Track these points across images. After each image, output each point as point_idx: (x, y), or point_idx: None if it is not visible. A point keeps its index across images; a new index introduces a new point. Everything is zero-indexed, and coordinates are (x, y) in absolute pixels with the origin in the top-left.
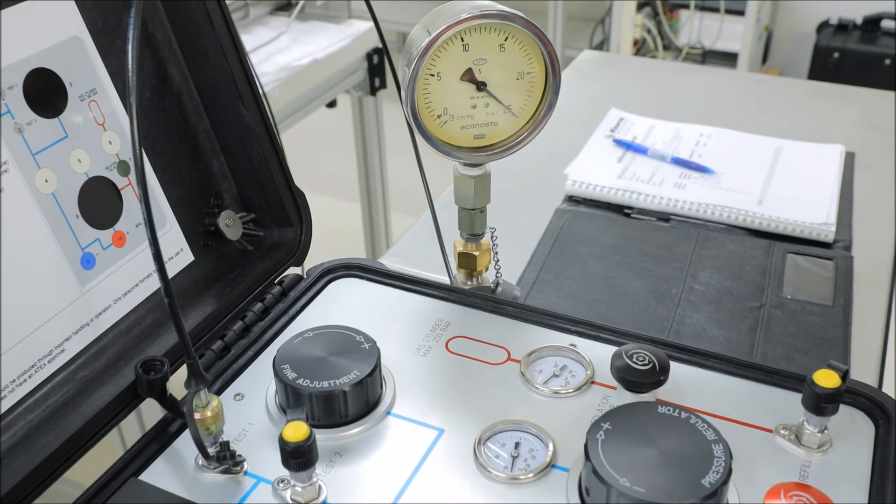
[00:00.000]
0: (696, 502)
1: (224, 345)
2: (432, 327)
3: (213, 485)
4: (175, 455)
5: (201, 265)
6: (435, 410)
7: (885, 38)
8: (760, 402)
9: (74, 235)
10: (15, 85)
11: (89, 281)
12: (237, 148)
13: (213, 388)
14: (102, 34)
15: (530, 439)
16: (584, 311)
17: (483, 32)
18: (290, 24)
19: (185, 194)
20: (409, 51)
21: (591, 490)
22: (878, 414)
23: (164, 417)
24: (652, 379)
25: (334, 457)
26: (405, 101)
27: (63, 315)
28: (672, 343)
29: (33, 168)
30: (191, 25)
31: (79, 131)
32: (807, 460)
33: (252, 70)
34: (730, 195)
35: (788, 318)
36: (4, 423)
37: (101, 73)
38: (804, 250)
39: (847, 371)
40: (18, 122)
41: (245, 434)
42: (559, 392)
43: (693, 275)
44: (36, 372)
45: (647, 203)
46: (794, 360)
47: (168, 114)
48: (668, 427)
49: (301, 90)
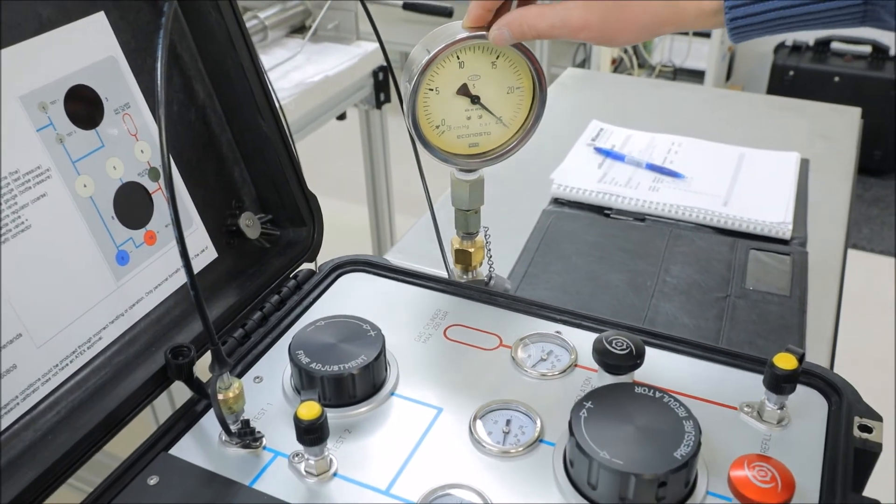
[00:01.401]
0: (669, 472)
1: (244, 333)
2: (432, 316)
3: (235, 458)
4: (201, 432)
5: (224, 261)
6: (434, 391)
7: (834, 58)
8: (726, 382)
9: (110, 235)
10: (57, 100)
11: (124, 276)
12: (256, 156)
13: (234, 371)
14: (135, 54)
15: (520, 417)
16: (568, 301)
17: (477, 51)
18: (304, 45)
19: (210, 197)
20: (411, 68)
21: (575, 462)
22: (830, 392)
23: (191, 398)
24: (629, 362)
25: (344, 433)
26: (407, 113)
27: (100, 306)
28: (647, 330)
29: (73, 174)
30: (214, 46)
31: (114, 141)
32: (767, 434)
33: (269, 86)
34: (698, 197)
35: (751, 307)
36: (49, 402)
37: (133, 90)
38: (764, 246)
39: (803, 354)
40: (60, 133)
41: (264, 413)
42: (546, 374)
43: (666, 269)
44: (77, 357)
45: (624, 204)
46: (756, 344)
47: (194, 125)
48: (643, 405)
49: (314, 104)
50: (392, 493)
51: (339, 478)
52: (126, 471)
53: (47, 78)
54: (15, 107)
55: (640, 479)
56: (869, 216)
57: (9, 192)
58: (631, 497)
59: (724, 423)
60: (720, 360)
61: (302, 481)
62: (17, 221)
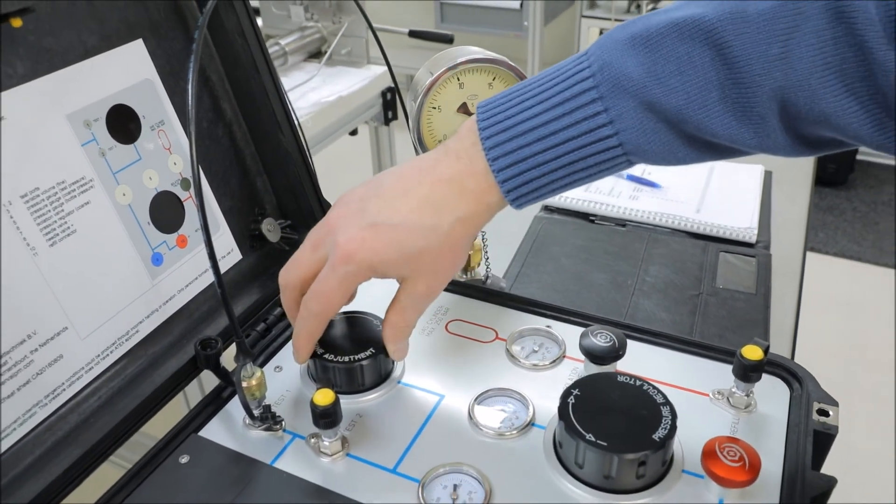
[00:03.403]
0: (648, 453)
1: (266, 326)
2: (434, 312)
3: (257, 440)
4: (227, 416)
5: (247, 262)
6: (437, 379)
7: None
8: (699, 371)
9: (146, 238)
10: (100, 117)
11: (158, 275)
12: (277, 167)
13: (257, 361)
14: (169, 77)
15: (514, 403)
16: (557, 299)
17: (475, 73)
18: (320, 68)
19: (235, 205)
20: (416, 88)
21: (563, 444)
22: (791, 380)
23: (218, 385)
24: (612, 354)
25: (356, 417)
26: (412, 129)
27: (137, 303)
28: (628, 325)
29: (113, 184)
30: (240, 70)
31: (150, 155)
32: (736, 418)
33: (289, 105)
34: (673, 205)
35: (721, 304)
36: (92, 388)
37: (167, 108)
38: (732, 249)
39: (768, 346)
40: (102, 147)
41: (283, 399)
42: (538, 365)
43: (645, 269)
44: (116, 348)
45: (607, 211)
46: (726, 337)
47: (221, 140)
48: (625, 392)
49: (329, 121)
50: (399, 472)
51: (351, 457)
52: (160, 450)
53: (91, 98)
54: (63, 124)
55: (622, 458)
56: (825, 222)
57: (56, 200)
58: (614, 475)
59: (697, 409)
60: (693, 352)
61: (317, 460)
62: (63, 226)
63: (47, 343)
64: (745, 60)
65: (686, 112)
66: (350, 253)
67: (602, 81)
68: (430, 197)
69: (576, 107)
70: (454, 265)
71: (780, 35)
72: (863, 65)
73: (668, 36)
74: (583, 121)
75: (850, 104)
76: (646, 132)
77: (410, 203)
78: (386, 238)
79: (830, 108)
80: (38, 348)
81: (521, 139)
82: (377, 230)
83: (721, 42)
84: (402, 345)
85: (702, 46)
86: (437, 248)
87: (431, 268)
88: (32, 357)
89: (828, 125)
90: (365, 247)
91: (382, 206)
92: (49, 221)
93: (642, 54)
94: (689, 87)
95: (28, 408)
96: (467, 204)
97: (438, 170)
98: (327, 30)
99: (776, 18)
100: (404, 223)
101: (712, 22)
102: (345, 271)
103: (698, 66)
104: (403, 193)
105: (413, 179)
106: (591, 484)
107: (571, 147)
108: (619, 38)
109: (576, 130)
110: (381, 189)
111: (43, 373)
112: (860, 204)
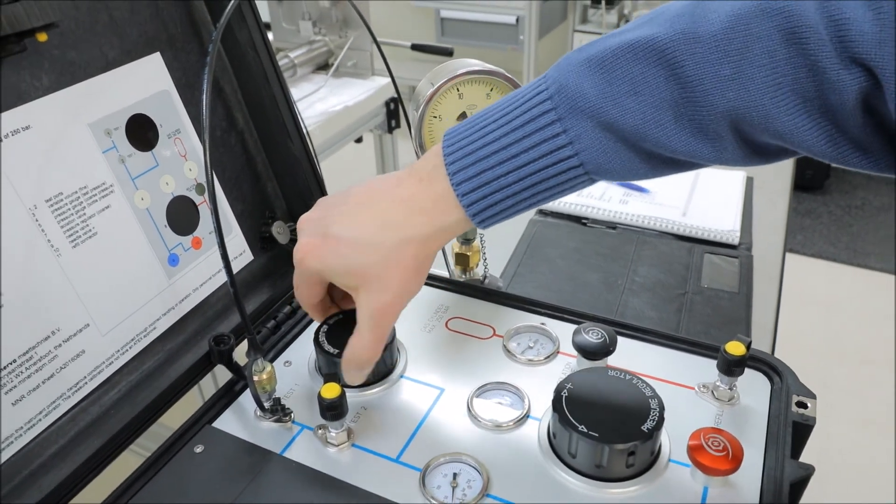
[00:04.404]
0: (638, 443)
1: (276, 324)
2: (435, 310)
3: (268, 430)
4: (239, 408)
5: (258, 263)
6: (437, 374)
7: None
8: (685, 366)
9: (163, 240)
10: (119, 126)
11: (174, 275)
12: (286, 173)
13: (267, 357)
14: (185, 87)
15: (511, 396)
16: (551, 297)
17: (473, 84)
18: (327, 80)
19: (247, 209)
20: (417, 99)
21: (557, 435)
22: (772, 374)
23: (230, 379)
24: (603, 350)
25: (360, 409)
26: (414, 137)
27: (155, 301)
28: (618, 322)
29: (132, 189)
30: (251, 81)
31: (167, 161)
32: (720, 410)
33: (298, 114)
34: (661, 209)
35: (705, 302)
36: (112, 382)
37: (183, 117)
38: (716, 251)
39: (750, 342)
40: (122, 154)
41: (292, 392)
42: (533, 360)
43: (634, 270)
44: (135, 344)
45: (599, 215)
46: (710, 334)
47: (234, 148)
48: (615, 386)
49: (335, 129)
50: (401, 461)
51: (357, 447)
52: (177, 440)
53: (112, 108)
54: (85, 132)
55: (613, 449)
56: (802, 225)
57: (79, 204)
58: (605, 464)
59: (684, 401)
60: (680, 348)
61: (325, 450)
62: (85, 229)
63: (70, 339)
64: (699, 80)
65: (643, 131)
66: (301, 258)
67: (560, 103)
68: (382, 215)
69: (536, 129)
70: (403, 283)
71: (731, 55)
72: (815, 84)
73: (622, 57)
74: (543, 142)
75: (803, 122)
76: (605, 151)
77: (363, 219)
78: (332, 249)
79: (784, 126)
80: (62, 344)
81: (484, 162)
82: (326, 240)
83: (674, 61)
84: (357, 373)
85: (655, 66)
86: (380, 264)
87: (376, 284)
88: (56, 352)
89: (782, 140)
90: (314, 253)
91: (339, 218)
92: (72, 224)
93: (598, 75)
94: (645, 107)
95: (52, 400)
96: (418, 225)
97: (398, 190)
98: (334, 43)
99: (727, 39)
100: (350, 237)
101: (664, 42)
102: (299, 272)
103: (652, 86)
104: (361, 208)
105: (374, 196)
106: (583, 473)
107: (533, 169)
108: (575, 60)
109: (536, 152)
110: (347, 201)
111: (66, 367)
112: (835, 208)
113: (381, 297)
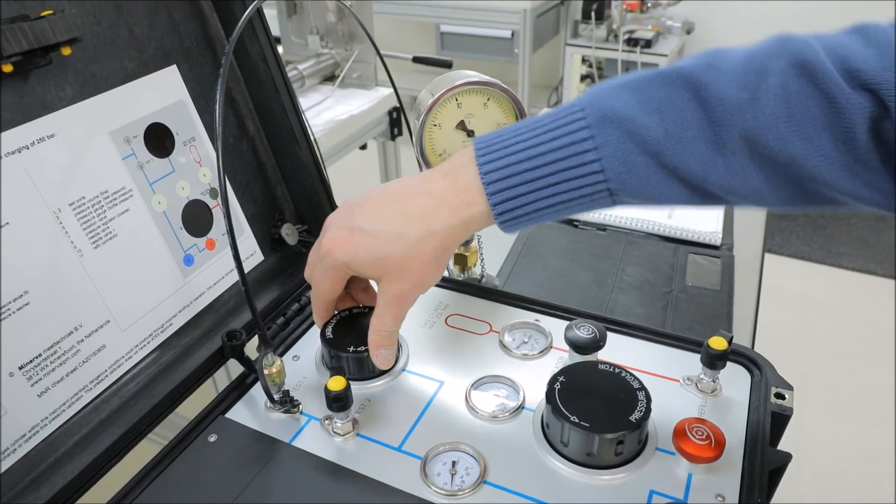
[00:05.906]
0: (626, 432)
1: (285, 320)
2: (435, 308)
3: (277, 421)
4: (251, 399)
5: (269, 263)
6: (437, 368)
7: None
8: (670, 360)
9: (179, 242)
10: (138, 134)
11: (189, 274)
12: (295, 178)
13: (277, 351)
14: (199, 98)
15: (507, 388)
16: (545, 295)
17: (472, 94)
18: (334, 90)
19: (258, 212)
20: (419, 108)
21: (550, 425)
22: (752, 367)
23: (242, 372)
24: (594, 344)
25: (365, 401)
26: (415, 144)
27: (171, 299)
28: (608, 318)
29: (150, 193)
30: (262, 91)
31: (182, 167)
32: (703, 401)
33: (306, 122)
34: (648, 212)
35: (690, 300)
36: (131, 375)
37: (198, 126)
38: (700, 251)
39: (731, 338)
40: (140, 161)
41: (300, 385)
42: (527, 354)
43: (623, 269)
44: (153, 339)
45: (589, 217)
46: (694, 330)
47: (245, 154)
48: (605, 379)
49: (341, 137)
50: (403, 450)
51: (361, 437)
52: (192, 430)
53: (131, 117)
54: (106, 140)
55: (603, 438)
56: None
57: (100, 207)
58: (595, 453)
59: (669, 393)
60: (666, 343)
61: (331, 440)
62: (105, 231)
63: (92, 335)
64: (719, 101)
65: (664, 143)
66: (328, 250)
67: (591, 114)
68: (408, 208)
69: (565, 133)
70: (424, 273)
71: (748, 85)
72: (827, 112)
73: (652, 83)
74: (570, 144)
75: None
76: (626, 161)
77: (389, 212)
78: (359, 241)
79: (797, 150)
80: (84, 339)
81: (513, 157)
82: (353, 233)
83: (698, 84)
84: (385, 352)
85: (681, 89)
86: (403, 255)
87: (398, 273)
88: (79, 347)
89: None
90: (340, 246)
91: (365, 213)
92: (94, 226)
93: (628, 94)
94: (668, 124)
95: (75, 392)
96: (443, 218)
97: (423, 185)
98: (340, 56)
99: (745, 71)
100: (376, 230)
101: (690, 69)
102: (324, 265)
103: (677, 106)
104: (386, 203)
105: (399, 192)
106: (574, 461)
107: (557, 168)
108: (608, 84)
109: (563, 153)
110: (372, 198)
111: (88, 361)
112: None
113: (402, 285)
